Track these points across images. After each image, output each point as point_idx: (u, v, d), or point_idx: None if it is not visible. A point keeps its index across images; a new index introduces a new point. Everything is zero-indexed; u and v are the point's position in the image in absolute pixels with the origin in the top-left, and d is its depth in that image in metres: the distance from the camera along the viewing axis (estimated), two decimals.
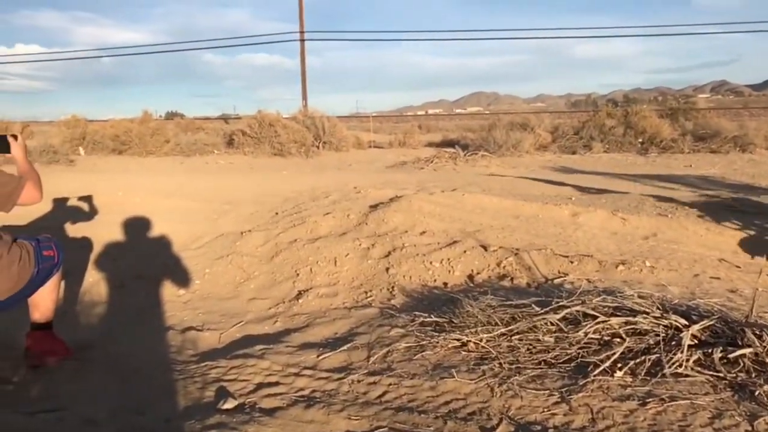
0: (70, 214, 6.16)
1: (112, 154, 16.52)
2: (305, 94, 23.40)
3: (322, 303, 3.65)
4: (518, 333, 2.74)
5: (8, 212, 2.83)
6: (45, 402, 2.64)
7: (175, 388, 2.72)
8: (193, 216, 5.76)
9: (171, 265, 4.53)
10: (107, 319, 3.83)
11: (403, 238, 4.21)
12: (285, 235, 4.62)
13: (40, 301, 2.97)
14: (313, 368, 2.73)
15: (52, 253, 2.99)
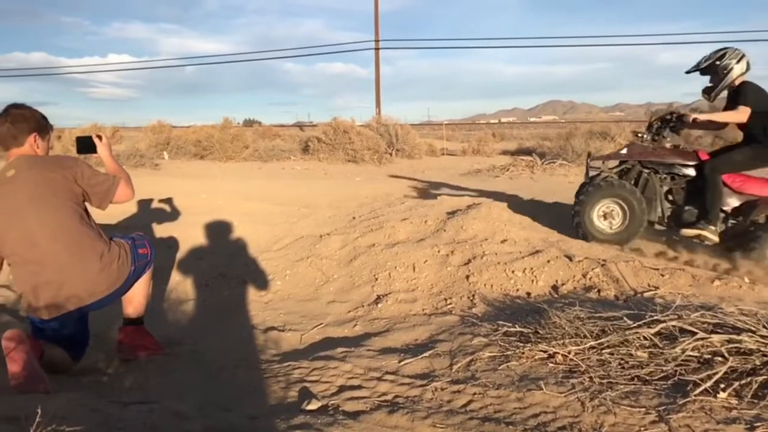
0: (156, 214, 6.42)
1: (195, 159, 17.14)
2: (379, 101, 23.62)
3: (402, 308, 3.63)
4: (609, 346, 2.62)
5: (104, 209, 2.96)
6: (136, 394, 2.73)
7: (259, 386, 2.76)
8: (273, 218, 5.88)
9: (253, 266, 4.63)
10: (193, 316, 3.94)
11: (483, 245, 4.14)
12: (363, 240, 4.63)
13: (133, 297, 3.08)
14: (395, 373, 2.71)
15: (146, 251, 3.10)
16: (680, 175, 5.01)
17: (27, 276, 2.73)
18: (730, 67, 4.75)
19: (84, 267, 2.76)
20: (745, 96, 4.69)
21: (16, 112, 2.80)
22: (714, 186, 4.74)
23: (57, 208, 2.72)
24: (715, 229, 4.77)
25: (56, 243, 2.70)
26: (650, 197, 5.00)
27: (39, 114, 2.89)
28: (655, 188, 5.01)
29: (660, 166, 5.03)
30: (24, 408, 2.19)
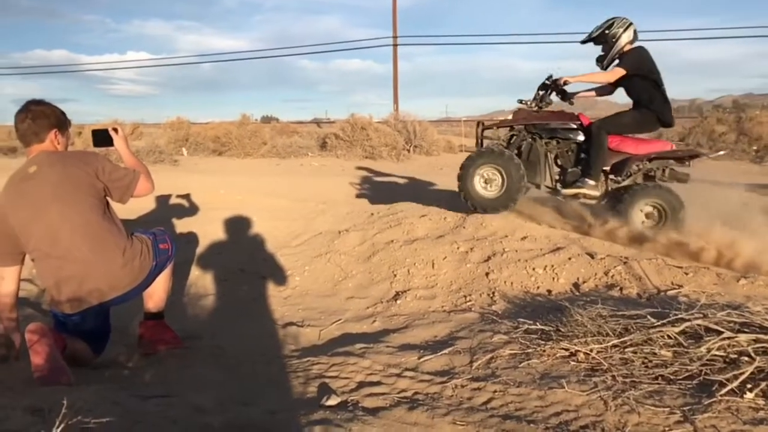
0: (175, 210, 6.46)
1: (213, 155, 17.25)
2: (396, 98, 23.56)
3: (421, 305, 3.61)
4: (632, 345, 2.58)
5: (125, 204, 2.98)
6: (156, 387, 2.74)
7: (278, 381, 2.76)
8: (291, 214, 5.89)
9: (271, 262, 4.64)
10: (212, 311, 3.96)
11: (503, 242, 4.12)
12: (381, 236, 4.62)
13: (154, 291, 3.10)
14: (415, 370, 2.69)
15: (167, 246, 3.11)
16: (564, 138, 5.18)
17: (50, 271, 2.75)
18: (618, 35, 4.93)
19: (106, 262, 2.77)
20: (625, 60, 4.91)
21: (36, 109, 2.81)
22: (599, 145, 4.92)
23: (79, 203, 2.74)
24: (596, 185, 4.98)
25: (79, 238, 2.72)
26: (535, 161, 5.16)
27: (59, 110, 2.90)
28: (539, 152, 5.16)
29: (544, 130, 5.19)
30: (47, 400, 2.21)
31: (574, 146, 5.16)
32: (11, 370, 2.72)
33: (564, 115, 5.24)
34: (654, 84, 4.93)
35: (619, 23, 4.95)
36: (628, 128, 5.05)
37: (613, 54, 5.01)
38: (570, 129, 5.16)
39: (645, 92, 4.96)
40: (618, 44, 4.97)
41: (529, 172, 5.11)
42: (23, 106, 2.81)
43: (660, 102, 4.95)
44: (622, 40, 4.96)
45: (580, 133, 5.15)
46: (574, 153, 5.16)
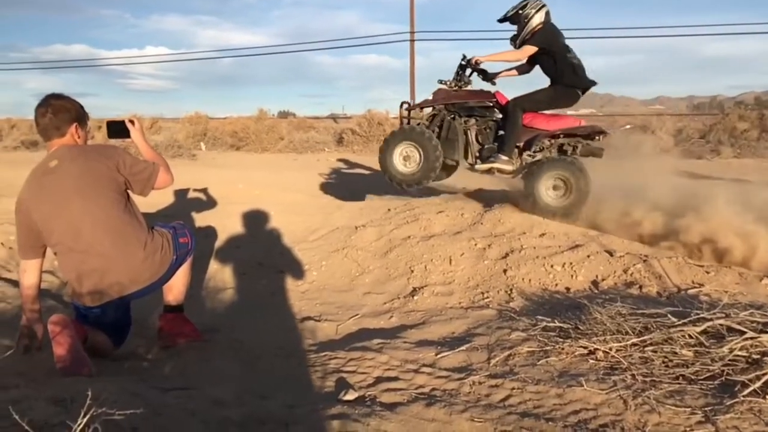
0: (194, 204, 6.50)
1: (231, 150, 17.35)
2: (413, 94, 23.46)
3: (438, 301, 3.61)
4: (652, 344, 2.56)
5: (146, 196, 3.00)
6: (176, 380, 2.77)
7: (296, 375, 2.77)
8: (309, 209, 5.91)
9: (289, 256, 4.66)
10: (231, 304, 3.98)
11: (521, 239, 4.09)
12: (398, 232, 4.62)
13: (174, 285, 3.12)
14: (432, 366, 2.69)
15: (187, 240, 3.13)
16: (481, 116, 5.38)
17: (72, 264, 2.78)
18: (530, 16, 5.08)
19: (128, 256, 2.80)
20: (534, 38, 5.07)
21: (57, 103, 2.83)
22: (513, 122, 5.12)
23: (101, 197, 2.76)
24: (509, 159, 5.17)
25: (100, 232, 2.74)
26: (453, 139, 5.35)
27: (78, 104, 2.91)
28: (457, 130, 5.35)
29: (462, 109, 5.38)
30: (70, 390, 2.24)
31: (492, 123, 5.35)
32: (34, 361, 2.76)
33: (481, 93, 5.40)
34: (562, 58, 5.06)
35: (533, 4, 5.10)
36: (543, 104, 5.22)
37: (525, 33, 5.14)
38: (487, 107, 5.36)
39: (555, 68, 5.10)
40: (530, 24, 5.10)
41: (449, 149, 5.32)
42: (43, 101, 2.82)
43: (570, 73, 5.06)
44: (534, 21, 5.08)
45: (496, 111, 5.36)
46: (492, 130, 5.34)
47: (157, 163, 2.96)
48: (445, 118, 5.40)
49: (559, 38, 5.12)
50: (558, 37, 5.11)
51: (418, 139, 5.25)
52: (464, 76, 5.42)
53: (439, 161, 5.20)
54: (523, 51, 5.11)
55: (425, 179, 5.27)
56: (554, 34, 5.11)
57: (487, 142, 5.34)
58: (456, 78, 5.41)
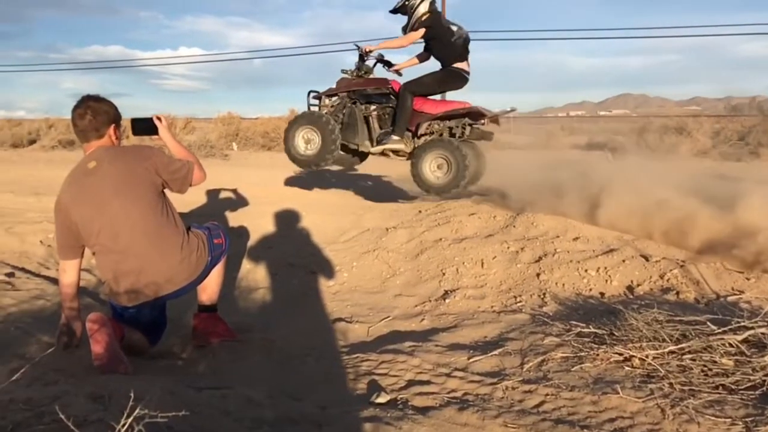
0: (226, 204, 6.58)
1: (262, 150, 17.51)
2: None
3: (470, 304, 3.58)
4: (690, 352, 2.51)
5: (184, 194, 3.04)
6: (210, 379, 2.80)
7: (328, 376, 2.78)
8: (339, 210, 5.93)
9: (320, 257, 4.68)
10: (263, 304, 4.02)
11: (554, 243, 4.04)
12: (429, 234, 4.61)
13: (208, 285, 3.15)
14: (464, 370, 2.68)
15: (221, 240, 3.16)
16: (378, 102, 5.79)
17: (110, 264, 2.82)
18: (416, 6, 5.49)
19: (165, 258, 2.83)
20: (418, 25, 5.49)
21: (96, 105, 2.85)
22: (403, 105, 5.53)
23: (139, 199, 2.80)
24: (400, 139, 5.63)
25: (139, 234, 2.78)
26: (353, 123, 5.80)
27: (114, 105, 2.94)
28: (356, 116, 5.78)
29: (361, 96, 5.80)
30: (107, 387, 2.28)
31: (389, 109, 5.74)
32: (72, 358, 2.82)
33: (378, 81, 5.80)
34: (447, 43, 5.49)
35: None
36: (430, 87, 5.64)
37: (412, 22, 5.54)
38: (383, 93, 5.76)
39: (440, 53, 5.56)
40: (416, 14, 5.50)
41: (350, 133, 5.79)
42: (81, 102, 2.84)
43: (454, 57, 5.50)
44: (419, 10, 5.48)
45: (393, 97, 5.73)
46: (389, 115, 5.74)
47: (191, 161, 3.00)
48: (346, 104, 5.82)
49: (442, 24, 5.53)
50: (440, 23, 5.52)
51: (317, 124, 5.65)
52: (363, 66, 5.83)
53: (335, 144, 5.63)
54: (407, 37, 5.58)
55: (323, 161, 5.77)
56: (437, 21, 5.50)
57: (385, 127, 5.77)
58: (356, 68, 5.82)
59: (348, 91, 5.83)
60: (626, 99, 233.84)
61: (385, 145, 5.71)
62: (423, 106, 5.60)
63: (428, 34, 5.50)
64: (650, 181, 4.67)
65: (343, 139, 5.79)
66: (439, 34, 5.49)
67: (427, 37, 5.53)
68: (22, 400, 2.04)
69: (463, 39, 5.52)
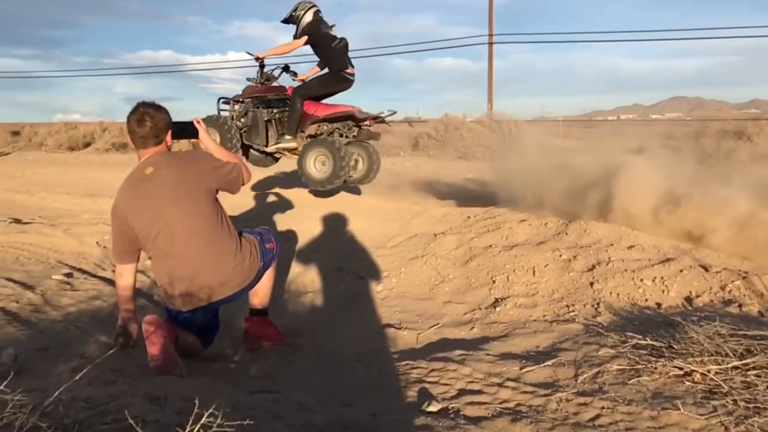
0: (273, 207, 6.66)
1: None
2: (491, 97, 23.22)
3: (521, 313, 3.53)
4: (755, 368, 2.40)
5: (235, 194, 3.11)
6: (261, 382, 2.83)
7: (378, 383, 2.77)
8: (386, 215, 5.93)
9: (368, 262, 4.69)
10: (312, 308, 4.04)
11: (608, 251, 3.94)
12: (479, 240, 4.56)
13: (259, 289, 3.18)
14: (517, 380, 2.63)
15: (272, 245, 3.19)
16: (276, 107, 6.45)
17: (166, 269, 2.87)
18: (301, 16, 6.17)
19: (219, 263, 2.87)
20: (300, 33, 6.15)
21: (154, 113, 2.89)
22: (293, 108, 6.20)
23: (195, 204, 2.85)
24: (292, 138, 6.27)
25: (195, 239, 2.83)
26: (254, 126, 6.45)
27: (167, 111, 2.99)
28: (258, 119, 6.43)
29: (262, 101, 6.46)
30: (163, 389, 2.32)
31: (286, 112, 6.38)
32: (129, 359, 2.89)
33: (276, 88, 6.48)
34: (328, 48, 6.11)
35: (302, 7, 6.19)
36: (317, 90, 6.26)
37: (298, 31, 6.20)
38: (281, 99, 6.44)
39: (324, 58, 6.22)
40: (302, 23, 6.17)
41: (252, 135, 6.46)
42: (138, 109, 2.88)
43: (336, 62, 6.13)
44: (305, 19, 6.15)
45: (288, 102, 6.37)
46: (286, 118, 6.36)
47: (237, 162, 3.06)
48: (249, 110, 6.46)
49: (323, 32, 6.14)
50: (321, 31, 6.12)
51: (217, 126, 6.28)
52: (265, 74, 6.52)
53: (232, 143, 6.30)
54: (290, 44, 6.21)
55: None
56: (318, 29, 6.11)
57: (281, 128, 6.41)
58: (258, 75, 6.50)
59: (251, 97, 6.48)
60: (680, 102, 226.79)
61: (279, 145, 6.40)
62: (312, 108, 6.24)
63: (311, 40, 6.15)
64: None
65: (247, 140, 6.48)
66: (321, 41, 6.13)
67: (311, 43, 6.16)
68: (83, 399, 2.10)
69: (343, 45, 6.18)
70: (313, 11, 6.19)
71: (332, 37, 6.17)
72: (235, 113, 6.50)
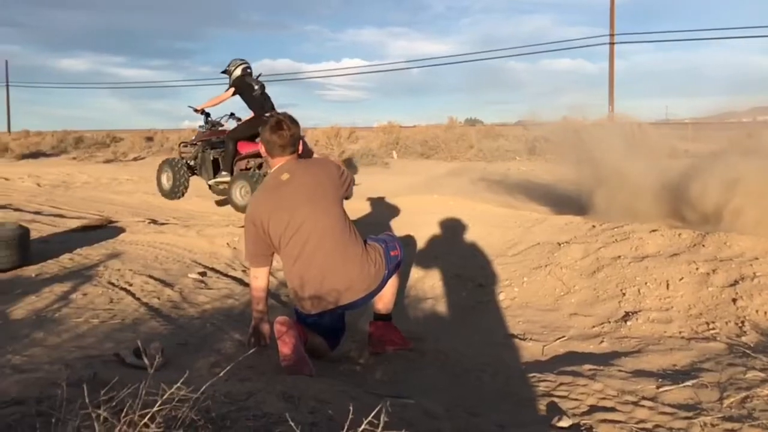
0: (390, 212, 6.74)
1: (420, 158, 17.76)
2: (612, 99, 22.27)
3: (654, 329, 3.34)
4: None
5: (349, 199, 3.21)
6: (387, 387, 2.86)
7: (505, 394, 2.73)
8: (505, 222, 5.82)
9: (488, 269, 4.63)
10: (432, 314, 4.05)
11: (753, 265, 3.64)
12: (606, 250, 4.37)
13: (384, 294, 3.23)
14: (653, 400, 2.49)
15: (397, 252, 3.24)
16: (218, 147, 7.93)
17: (297, 271, 2.99)
18: (232, 71, 7.90)
19: (346, 267, 2.96)
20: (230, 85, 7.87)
21: (291, 123, 3.05)
22: (227, 147, 7.73)
23: (328, 208, 2.96)
24: (228, 174, 7.81)
25: (325, 241, 2.93)
26: (203, 164, 8.05)
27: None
28: (206, 158, 8.01)
29: (208, 144, 8.06)
30: (296, 388, 2.41)
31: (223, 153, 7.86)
32: (261, 357, 3.03)
33: (218, 132, 8.10)
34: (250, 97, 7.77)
35: (234, 64, 7.92)
36: (244, 132, 7.79)
37: (229, 84, 7.91)
38: (221, 141, 7.92)
39: (249, 105, 7.84)
40: (232, 77, 7.89)
41: (202, 171, 8.06)
42: (278, 119, 3.05)
43: (256, 108, 7.74)
44: (234, 74, 7.87)
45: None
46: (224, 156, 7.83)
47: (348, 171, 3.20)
48: (199, 151, 8.14)
49: (246, 84, 7.76)
50: (245, 84, 7.76)
51: (172, 167, 8.11)
52: (210, 121, 8.22)
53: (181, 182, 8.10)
54: (220, 96, 7.99)
55: (177, 193, 8.23)
56: (242, 82, 7.79)
57: (222, 166, 7.88)
58: (206, 122, 8.24)
59: (201, 141, 8.14)
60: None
61: (217, 179, 7.93)
62: (243, 147, 7.77)
63: (237, 91, 7.81)
64: None
65: (198, 175, 8.12)
66: (245, 92, 7.78)
67: (237, 93, 7.81)
68: (223, 394, 2.22)
69: (261, 93, 7.76)
70: (241, 68, 7.89)
71: (253, 87, 7.73)
72: (189, 154, 8.24)
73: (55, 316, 3.81)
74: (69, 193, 11.63)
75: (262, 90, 7.81)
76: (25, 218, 7.79)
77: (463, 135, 19.30)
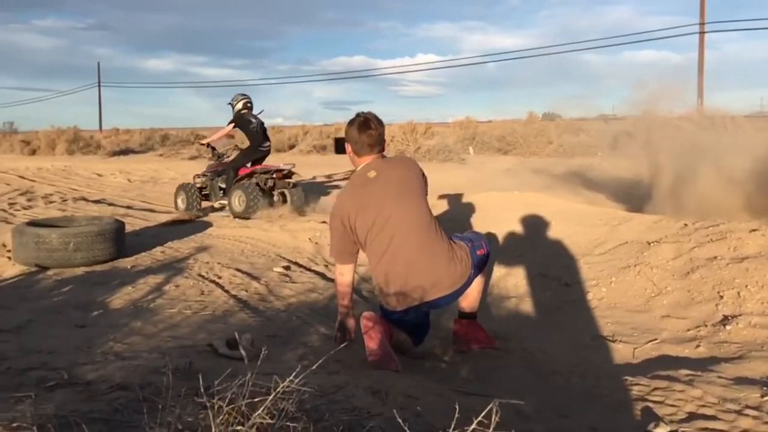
0: (469, 209, 6.68)
1: (498, 154, 17.55)
2: (701, 91, 21.20)
3: (756, 334, 3.16)
4: None
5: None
6: (473, 385, 2.84)
7: (595, 396, 2.66)
8: (589, 219, 5.66)
9: (573, 268, 4.52)
10: (517, 313, 4.00)
11: None
12: (701, 250, 4.17)
13: (470, 293, 3.20)
14: (758, 409, 2.36)
15: (483, 251, 3.21)
16: (222, 175, 8.79)
17: (383, 268, 3.01)
18: (234, 105, 8.78)
19: (432, 264, 2.96)
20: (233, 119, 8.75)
21: (377, 123, 3.09)
22: (228, 175, 8.63)
23: (414, 206, 2.98)
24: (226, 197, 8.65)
25: (411, 237, 2.95)
26: (211, 190, 9.00)
27: None
28: (213, 186, 8.95)
29: (215, 173, 8.96)
30: (383, 383, 2.43)
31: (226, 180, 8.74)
32: (348, 352, 3.07)
33: (222, 163, 8.94)
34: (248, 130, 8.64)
35: (236, 99, 8.82)
36: (241, 161, 8.70)
37: (233, 117, 8.74)
38: (224, 170, 8.76)
39: (247, 137, 8.77)
40: (234, 110, 8.76)
41: (210, 195, 9.01)
42: (365, 119, 3.08)
43: (252, 139, 8.64)
44: (236, 108, 8.74)
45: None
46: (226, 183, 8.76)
47: None
48: (207, 180, 9.07)
49: (245, 118, 8.59)
50: (244, 118, 8.59)
51: (185, 190, 8.98)
52: (216, 153, 9.22)
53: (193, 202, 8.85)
54: (222, 131, 9.01)
55: (192, 210, 8.77)
56: (242, 117, 8.61)
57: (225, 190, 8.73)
58: (213, 155, 9.30)
59: (210, 172, 9.04)
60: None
61: (219, 201, 8.89)
62: (240, 172, 8.62)
63: (237, 125, 8.68)
64: None
65: (207, 199, 9.03)
66: (244, 126, 8.63)
67: (237, 126, 8.71)
68: (314, 386, 2.27)
69: (258, 126, 8.63)
70: (243, 102, 8.76)
71: (252, 122, 8.59)
72: (201, 182, 9.15)
73: (151, 306, 4.01)
74: (158, 189, 12.22)
75: (260, 124, 8.75)
76: (118, 212, 8.28)
77: (542, 130, 18.92)
